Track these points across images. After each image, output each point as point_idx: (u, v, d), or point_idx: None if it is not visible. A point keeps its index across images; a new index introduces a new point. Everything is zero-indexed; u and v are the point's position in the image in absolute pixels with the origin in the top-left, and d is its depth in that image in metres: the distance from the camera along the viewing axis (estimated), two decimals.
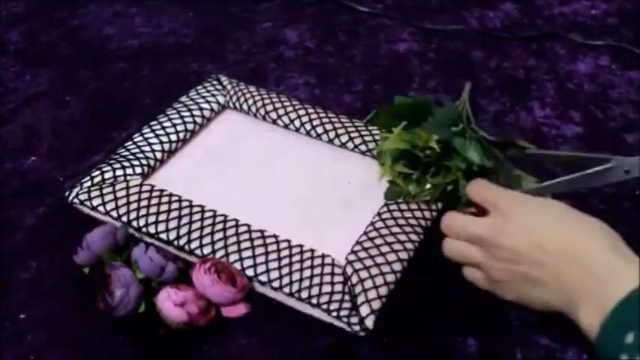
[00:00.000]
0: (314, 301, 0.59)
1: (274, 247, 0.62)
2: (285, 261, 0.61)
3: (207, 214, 0.65)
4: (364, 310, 0.58)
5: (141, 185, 0.68)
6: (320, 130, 0.75)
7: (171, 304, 0.57)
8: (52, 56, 0.93)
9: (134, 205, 0.66)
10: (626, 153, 0.66)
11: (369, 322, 0.58)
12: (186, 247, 0.63)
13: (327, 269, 0.61)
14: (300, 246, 0.63)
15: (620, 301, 0.47)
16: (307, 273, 0.60)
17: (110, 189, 0.68)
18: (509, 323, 0.60)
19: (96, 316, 0.59)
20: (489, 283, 0.58)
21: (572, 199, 0.71)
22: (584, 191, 0.70)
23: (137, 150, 0.72)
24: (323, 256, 0.62)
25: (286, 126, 0.77)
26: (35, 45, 0.95)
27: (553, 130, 0.81)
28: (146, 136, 0.74)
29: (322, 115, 0.77)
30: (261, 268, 0.61)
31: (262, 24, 1.00)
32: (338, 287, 0.59)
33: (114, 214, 0.66)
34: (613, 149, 0.71)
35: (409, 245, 0.63)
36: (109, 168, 0.70)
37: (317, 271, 0.60)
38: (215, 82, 0.82)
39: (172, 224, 0.64)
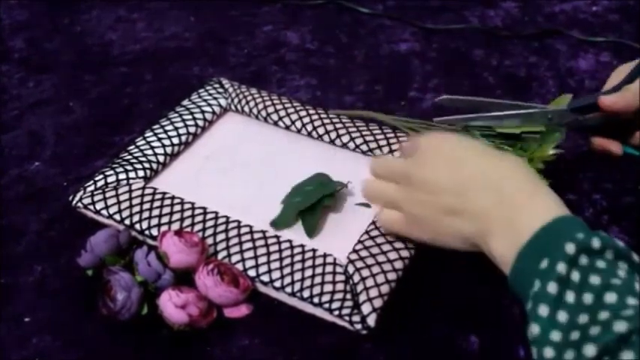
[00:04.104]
0: (316, 300, 0.59)
1: (276, 247, 0.63)
2: (287, 261, 0.61)
3: (209, 216, 0.66)
4: (366, 308, 0.58)
5: (144, 188, 0.69)
6: (321, 130, 0.76)
7: (172, 306, 0.57)
8: (55, 62, 0.94)
9: (137, 209, 0.67)
10: None
11: (371, 321, 0.58)
12: None
13: (329, 268, 0.61)
14: (302, 246, 0.63)
15: (536, 232, 0.48)
16: (309, 272, 0.60)
17: (113, 192, 0.68)
18: (512, 320, 0.60)
19: (100, 317, 0.59)
20: (405, 225, 0.59)
21: (574, 194, 0.72)
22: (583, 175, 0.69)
23: (140, 154, 0.73)
24: (325, 256, 0.62)
25: (288, 127, 0.77)
26: (38, 52, 0.96)
27: None
28: (149, 139, 0.75)
29: (323, 115, 0.77)
30: (263, 269, 0.61)
31: (263, 27, 1.00)
32: (340, 286, 0.60)
33: (117, 217, 0.67)
34: None
35: (410, 243, 0.63)
36: (111, 172, 0.71)
37: (318, 270, 0.61)
38: (217, 85, 0.83)
39: (175, 227, 0.65)
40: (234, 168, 0.74)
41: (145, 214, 0.66)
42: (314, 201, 0.66)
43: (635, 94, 0.59)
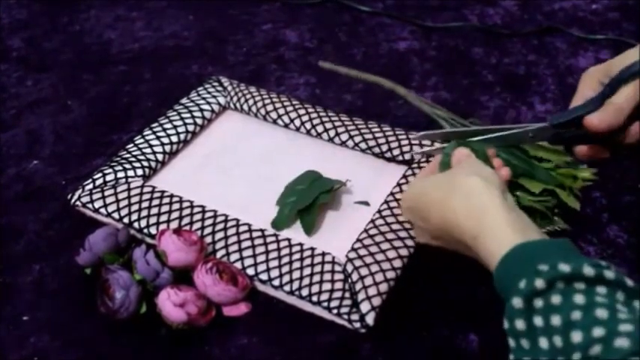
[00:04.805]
0: (314, 298, 0.59)
1: (274, 245, 0.63)
2: (286, 259, 0.61)
3: (207, 215, 0.66)
4: (365, 307, 0.58)
5: (142, 187, 0.69)
6: (320, 128, 0.76)
7: (171, 304, 0.57)
8: (54, 61, 0.94)
9: (135, 207, 0.67)
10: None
11: (370, 319, 0.58)
12: None
13: (328, 267, 0.61)
14: (300, 244, 0.63)
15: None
16: (307, 271, 0.60)
17: (112, 191, 0.68)
18: None
19: (98, 317, 0.59)
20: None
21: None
22: (588, 184, 0.68)
23: (138, 152, 0.73)
24: (323, 254, 0.62)
25: (286, 125, 0.77)
26: (37, 51, 0.96)
27: None
28: (147, 137, 0.75)
29: (322, 113, 0.77)
30: (261, 267, 0.61)
31: (262, 25, 1.00)
32: (338, 285, 0.60)
33: (115, 215, 0.67)
34: None
35: (409, 242, 0.63)
36: (110, 170, 0.71)
37: (317, 269, 0.60)
38: (215, 84, 0.83)
39: (173, 225, 0.65)
40: (233, 166, 0.74)
41: (144, 213, 0.66)
42: (311, 200, 0.66)
43: (620, 108, 0.56)
